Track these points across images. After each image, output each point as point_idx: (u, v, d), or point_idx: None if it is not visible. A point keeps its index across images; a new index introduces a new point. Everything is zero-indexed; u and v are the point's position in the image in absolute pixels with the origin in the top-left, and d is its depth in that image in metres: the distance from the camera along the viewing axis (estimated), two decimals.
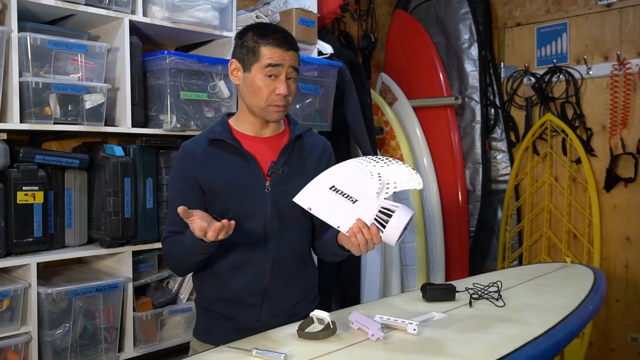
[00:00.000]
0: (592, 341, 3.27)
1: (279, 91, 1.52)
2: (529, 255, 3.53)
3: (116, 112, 2.15)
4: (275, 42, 1.52)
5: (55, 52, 1.94)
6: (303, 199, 1.42)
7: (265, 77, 1.52)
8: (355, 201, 1.38)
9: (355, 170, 1.43)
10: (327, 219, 1.40)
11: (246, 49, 1.55)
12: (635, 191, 3.15)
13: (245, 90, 1.57)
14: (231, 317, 1.57)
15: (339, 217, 1.38)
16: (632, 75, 3.13)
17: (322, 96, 2.62)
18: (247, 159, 1.56)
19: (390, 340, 1.34)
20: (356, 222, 1.35)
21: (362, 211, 1.36)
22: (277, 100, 1.53)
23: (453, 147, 3.48)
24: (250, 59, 1.54)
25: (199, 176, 1.55)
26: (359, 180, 1.41)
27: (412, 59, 3.60)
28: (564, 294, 1.78)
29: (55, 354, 1.94)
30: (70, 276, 2.11)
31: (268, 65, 1.51)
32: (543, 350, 1.32)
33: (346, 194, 1.39)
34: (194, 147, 1.59)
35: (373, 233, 1.35)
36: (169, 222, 1.60)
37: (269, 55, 1.51)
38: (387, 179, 1.40)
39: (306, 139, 1.67)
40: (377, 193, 1.38)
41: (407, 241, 3.26)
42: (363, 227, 1.35)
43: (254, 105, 1.56)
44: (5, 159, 1.88)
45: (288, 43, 1.53)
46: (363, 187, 1.39)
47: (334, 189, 1.41)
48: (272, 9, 2.61)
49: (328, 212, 1.39)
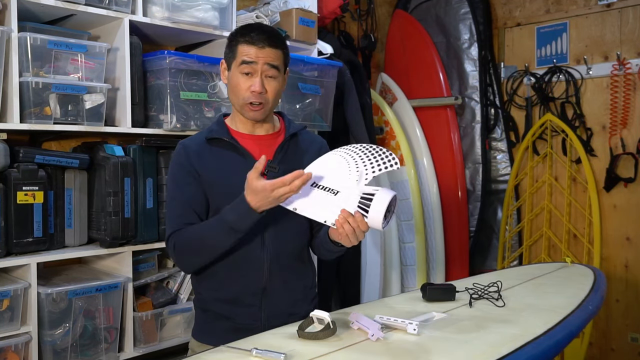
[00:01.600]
0: (592, 341, 3.27)
1: (253, 88, 1.52)
2: (529, 255, 3.53)
3: (116, 112, 2.15)
4: (250, 39, 1.52)
5: (55, 52, 1.94)
6: (287, 201, 1.42)
7: (241, 75, 1.53)
8: (337, 193, 1.39)
9: (332, 163, 1.44)
10: (313, 216, 1.40)
11: (229, 49, 1.58)
12: (635, 191, 3.15)
13: (228, 88, 1.60)
14: (230, 317, 1.57)
15: (324, 212, 1.39)
16: (632, 75, 3.13)
17: (322, 96, 2.62)
18: (244, 157, 1.57)
19: (390, 340, 1.33)
20: (341, 213, 1.36)
21: (345, 201, 1.37)
22: (252, 97, 1.53)
23: (453, 147, 3.48)
24: (230, 58, 1.57)
25: (199, 172, 1.56)
26: (337, 172, 1.41)
27: (412, 59, 3.60)
28: (564, 294, 1.78)
29: (55, 354, 1.94)
30: (70, 276, 2.11)
31: (242, 63, 1.52)
32: (543, 350, 1.32)
33: (327, 188, 1.40)
34: (192, 144, 1.60)
35: (358, 220, 1.35)
36: (176, 215, 1.56)
37: (245, 53, 1.52)
38: (365, 165, 1.40)
39: (301, 138, 1.67)
40: (357, 180, 1.38)
41: (407, 241, 3.26)
42: (348, 217, 1.35)
43: (235, 104, 1.58)
44: (5, 159, 1.88)
45: (264, 40, 1.52)
46: (343, 178, 1.40)
47: (315, 186, 1.41)
48: (272, 9, 2.61)
49: (313, 209, 1.40)
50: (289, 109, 2.48)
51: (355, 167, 1.41)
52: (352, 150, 1.46)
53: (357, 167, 1.40)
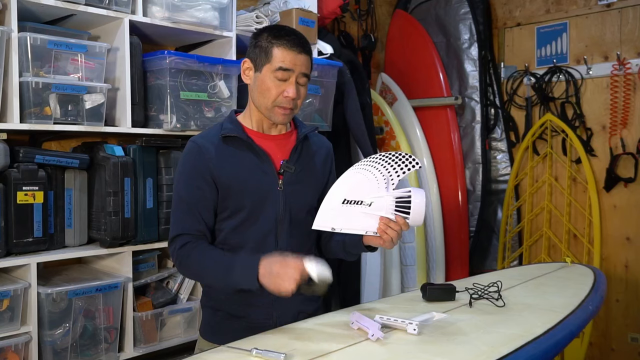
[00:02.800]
0: (592, 341, 3.27)
1: (287, 94, 1.52)
2: (529, 255, 3.53)
3: (116, 112, 2.14)
4: (288, 43, 1.51)
5: (55, 52, 1.94)
6: (323, 222, 1.47)
7: (275, 79, 1.52)
8: (371, 203, 1.45)
9: (357, 177, 1.48)
10: (353, 230, 1.47)
11: (259, 49, 1.55)
12: (635, 191, 3.15)
13: (254, 89, 1.57)
14: (242, 316, 1.57)
15: (363, 224, 1.45)
16: (632, 75, 3.13)
17: (322, 96, 2.62)
18: (260, 156, 1.56)
19: (390, 340, 1.34)
20: (380, 221, 1.43)
21: (381, 209, 1.44)
22: (285, 102, 1.53)
23: (453, 147, 3.48)
24: (262, 59, 1.54)
25: (214, 172, 1.53)
26: (364, 184, 1.46)
27: (412, 59, 3.60)
28: (564, 294, 1.78)
29: (55, 354, 1.94)
30: (70, 276, 2.11)
31: (279, 69, 1.51)
32: (543, 350, 1.32)
33: (360, 201, 1.46)
34: (205, 142, 1.56)
35: (401, 223, 1.43)
36: (182, 218, 1.54)
37: (281, 59, 1.51)
38: (388, 172, 1.46)
39: (312, 140, 1.68)
40: (386, 188, 1.44)
41: (407, 241, 3.26)
42: (389, 222, 1.43)
43: (261, 105, 1.56)
44: (5, 159, 1.88)
45: (301, 45, 1.53)
46: (371, 189, 1.45)
47: (346, 202, 1.46)
48: (272, 9, 2.61)
49: (352, 224, 1.46)
50: None
51: (381, 175, 1.46)
52: (371, 161, 1.49)
53: (382, 175, 1.45)
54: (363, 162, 1.50)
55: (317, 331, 1.42)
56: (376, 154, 1.51)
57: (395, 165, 1.46)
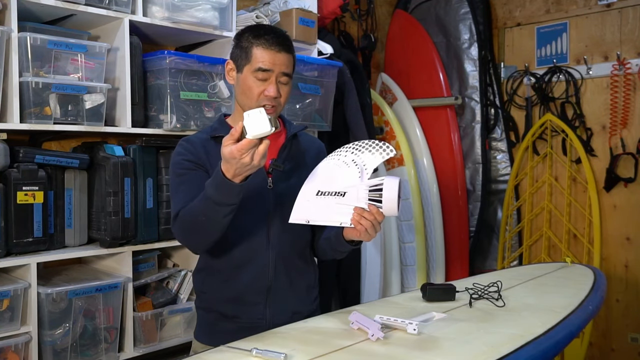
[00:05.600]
0: (592, 341, 3.27)
1: (268, 92, 1.52)
2: (529, 255, 3.53)
3: (116, 112, 2.14)
4: (266, 43, 1.52)
5: (55, 52, 1.94)
6: (297, 215, 1.44)
7: (255, 79, 1.53)
8: (344, 193, 1.40)
9: (329, 168, 1.45)
10: (327, 222, 1.42)
11: (240, 49, 1.56)
12: (635, 191, 3.15)
13: (238, 90, 1.59)
14: (235, 316, 1.57)
15: (337, 216, 1.41)
16: (632, 75, 3.13)
17: (322, 96, 2.62)
18: None
19: (390, 340, 1.33)
20: (354, 211, 1.38)
21: (354, 199, 1.39)
22: (266, 100, 1.53)
23: (453, 147, 3.48)
24: (243, 60, 1.55)
25: (206, 165, 1.54)
26: (337, 174, 1.43)
27: (412, 59, 3.60)
28: (564, 294, 1.78)
29: (55, 354, 1.94)
30: (70, 276, 2.11)
31: (258, 69, 1.52)
32: (543, 350, 1.32)
33: (333, 192, 1.42)
34: (196, 141, 1.59)
35: (374, 212, 1.38)
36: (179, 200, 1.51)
37: (260, 59, 1.51)
38: (362, 160, 1.42)
39: (301, 138, 1.69)
40: (360, 177, 1.40)
41: (407, 241, 3.26)
42: (362, 212, 1.38)
43: (245, 105, 1.57)
44: (5, 159, 1.87)
45: (280, 44, 1.53)
46: (344, 179, 1.42)
47: (320, 194, 1.43)
48: (272, 9, 2.61)
49: (325, 216, 1.42)
50: (289, 109, 2.48)
51: (354, 164, 1.42)
52: (344, 151, 1.47)
53: (355, 164, 1.42)
54: (335, 153, 1.48)
55: (317, 331, 1.42)
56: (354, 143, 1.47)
57: (368, 153, 1.43)
